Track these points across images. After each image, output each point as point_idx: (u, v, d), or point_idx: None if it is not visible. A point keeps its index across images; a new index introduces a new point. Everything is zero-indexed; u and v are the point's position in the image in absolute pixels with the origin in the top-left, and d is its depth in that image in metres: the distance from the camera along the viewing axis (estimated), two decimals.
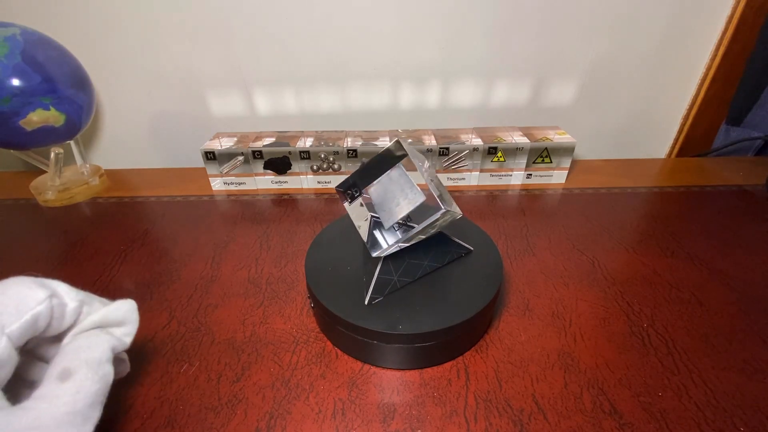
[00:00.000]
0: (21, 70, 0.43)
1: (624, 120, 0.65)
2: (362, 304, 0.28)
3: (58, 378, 0.19)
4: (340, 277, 0.31)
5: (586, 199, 0.50)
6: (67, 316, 0.20)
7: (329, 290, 0.29)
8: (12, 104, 0.43)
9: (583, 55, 0.59)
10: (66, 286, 0.21)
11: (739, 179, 0.54)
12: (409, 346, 0.27)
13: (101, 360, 0.20)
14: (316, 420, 0.25)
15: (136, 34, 0.55)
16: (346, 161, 0.51)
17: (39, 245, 0.43)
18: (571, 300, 0.35)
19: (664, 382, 0.28)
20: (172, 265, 0.39)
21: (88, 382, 0.19)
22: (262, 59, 0.58)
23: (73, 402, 0.18)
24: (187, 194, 0.52)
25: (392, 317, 0.27)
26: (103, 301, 0.23)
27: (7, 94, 0.42)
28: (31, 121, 0.45)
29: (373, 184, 0.30)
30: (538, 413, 0.26)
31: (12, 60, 0.43)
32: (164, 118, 0.63)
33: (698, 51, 0.59)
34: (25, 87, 0.43)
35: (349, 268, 0.31)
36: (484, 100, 0.62)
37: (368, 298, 0.28)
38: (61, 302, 0.20)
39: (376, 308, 0.28)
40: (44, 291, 0.19)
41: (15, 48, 0.43)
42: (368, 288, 0.28)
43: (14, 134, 0.45)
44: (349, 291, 0.29)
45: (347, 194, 0.30)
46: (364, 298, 0.28)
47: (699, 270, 0.38)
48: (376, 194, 0.29)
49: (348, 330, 0.28)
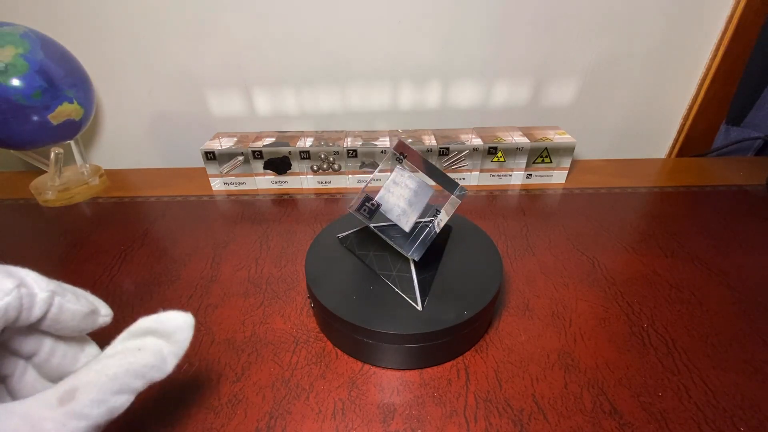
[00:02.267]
0: (47, 64, 0.44)
1: (624, 120, 0.65)
2: (362, 303, 0.28)
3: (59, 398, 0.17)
4: (340, 277, 0.31)
5: (586, 199, 0.50)
6: (36, 307, 0.19)
7: (329, 290, 0.29)
8: (43, 98, 0.44)
9: (583, 55, 0.59)
10: (35, 274, 0.19)
11: (739, 179, 0.54)
12: (409, 346, 0.27)
13: (121, 390, 0.18)
14: (316, 420, 0.25)
15: (136, 34, 0.55)
16: (346, 161, 0.51)
17: (39, 245, 0.43)
18: (571, 300, 0.35)
19: (664, 382, 0.28)
20: (172, 265, 0.39)
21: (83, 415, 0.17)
22: (262, 59, 0.58)
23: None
24: (187, 194, 0.52)
25: (392, 317, 0.27)
26: (77, 291, 0.21)
27: (38, 89, 0.43)
28: (59, 115, 0.45)
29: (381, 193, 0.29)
30: (538, 413, 0.26)
31: (36, 55, 0.44)
32: (164, 118, 0.63)
33: (698, 51, 0.59)
34: (53, 81, 0.44)
35: (350, 268, 0.31)
36: (484, 100, 0.62)
37: (420, 304, 0.28)
38: (30, 292, 0.19)
39: (377, 308, 0.28)
40: (11, 281, 0.18)
41: (34, 44, 0.44)
42: (415, 293, 0.28)
43: (42, 129, 0.45)
44: (349, 291, 0.29)
45: (364, 212, 0.29)
46: (416, 305, 0.28)
47: (699, 270, 0.38)
48: (386, 201, 0.28)
49: (348, 330, 0.28)
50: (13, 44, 0.42)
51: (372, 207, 0.28)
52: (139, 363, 0.19)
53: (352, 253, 0.33)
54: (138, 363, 0.19)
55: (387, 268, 0.30)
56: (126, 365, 0.18)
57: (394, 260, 0.30)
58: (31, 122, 0.44)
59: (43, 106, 0.44)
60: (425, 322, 0.27)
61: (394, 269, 0.30)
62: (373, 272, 0.31)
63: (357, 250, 0.33)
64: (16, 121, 0.43)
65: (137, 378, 0.18)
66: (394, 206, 0.28)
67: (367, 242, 0.32)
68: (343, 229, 0.35)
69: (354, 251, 0.33)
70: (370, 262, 0.31)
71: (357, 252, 0.32)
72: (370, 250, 0.32)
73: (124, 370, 0.18)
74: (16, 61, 0.42)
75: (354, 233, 0.33)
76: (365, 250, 0.32)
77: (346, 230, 0.35)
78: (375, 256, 0.31)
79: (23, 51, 0.43)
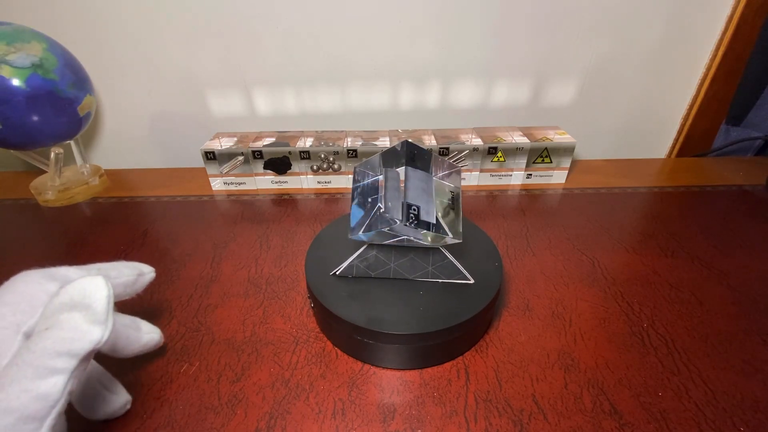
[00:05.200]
0: (70, 58, 0.46)
1: (624, 120, 0.65)
2: (362, 304, 0.28)
3: None
4: (341, 277, 0.31)
5: (586, 199, 0.50)
6: None
7: (329, 290, 0.29)
8: (74, 90, 0.46)
9: (583, 55, 0.59)
10: (74, 268, 0.20)
11: (739, 179, 0.54)
12: (409, 346, 0.27)
13: (40, 373, 0.17)
14: (316, 420, 0.25)
15: (136, 34, 0.55)
16: (346, 161, 0.51)
17: (39, 245, 0.43)
18: (571, 300, 0.35)
19: (664, 382, 0.28)
20: (172, 265, 0.39)
21: (11, 412, 0.16)
22: (262, 59, 0.58)
23: None
24: (187, 194, 0.52)
25: (392, 317, 0.27)
26: (116, 265, 0.22)
27: (70, 81, 0.45)
28: (84, 107, 0.47)
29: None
30: (538, 413, 0.26)
31: (57, 50, 0.45)
32: (164, 118, 0.63)
33: (698, 51, 0.59)
34: (78, 72, 0.46)
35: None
36: (484, 100, 0.62)
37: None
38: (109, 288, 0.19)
39: (377, 308, 0.28)
40: (54, 284, 0.19)
41: (50, 41, 0.45)
42: (461, 271, 0.29)
43: (72, 121, 0.47)
44: (349, 291, 0.29)
45: None
46: (469, 279, 0.29)
47: (699, 270, 0.38)
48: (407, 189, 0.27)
49: (348, 330, 0.28)
50: (36, 39, 0.43)
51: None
52: (51, 341, 0.17)
53: (367, 278, 0.31)
54: (50, 341, 0.17)
55: (420, 267, 0.30)
56: (38, 348, 0.17)
57: (424, 257, 0.30)
58: (67, 114, 0.46)
59: (75, 98, 0.46)
60: (425, 322, 0.27)
61: (429, 265, 0.30)
62: (371, 273, 0.31)
63: (373, 272, 0.31)
64: (57, 113, 0.45)
65: (57, 357, 0.17)
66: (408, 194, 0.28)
67: (378, 260, 0.30)
68: (343, 229, 0.35)
69: (369, 275, 0.31)
70: (396, 273, 0.30)
71: (374, 274, 0.31)
72: (390, 263, 0.30)
73: (36, 354, 0.17)
74: (47, 56, 0.43)
75: (356, 260, 0.30)
76: (383, 266, 0.30)
77: (346, 230, 0.35)
78: (400, 265, 0.30)
79: (47, 46, 0.44)
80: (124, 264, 0.25)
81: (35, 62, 0.41)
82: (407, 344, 0.27)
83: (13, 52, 0.39)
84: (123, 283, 0.24)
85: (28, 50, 0.41)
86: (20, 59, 0.40)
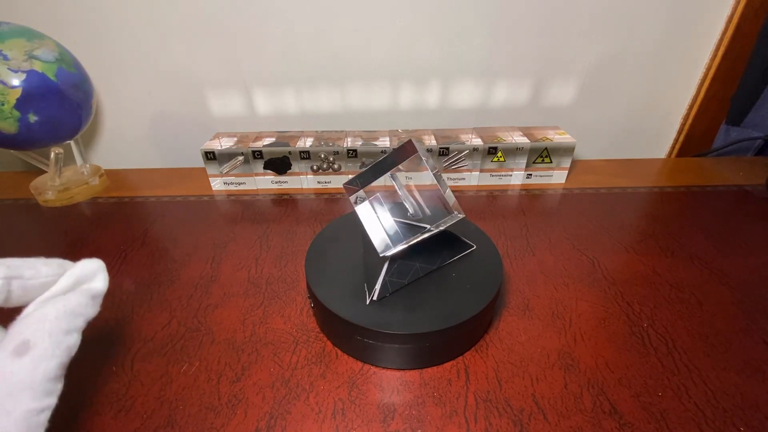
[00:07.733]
0: (77, 61, 0.48)
1: (624, 120, 0.65)
2: (362, 304, 0.28)
3: (14, 352, 0.17)
4: (340, 277, 0.31)
5: (586, 199, 0.50)
6: None
7: (329, 290, 0.29)
8: (87, 85, 0.47)
9: (583, 55, 0.59)
10: None
11: (739, 179, 0.54)
12: (409, 346, 0.27)
13: (69, 329, 0.19)
14: (316, 420, 0.25)
15: (137, 34, 0.55)
16: (346, 161, 0.51)
17: (39, 245, 0.43)
18: (571, 300, 0.35)
19: (664, 382, 0.28)
20: (172, 265, 0.39)
21: (48, 356, 0.17)
22: (262, 59, 0.58)
23: (31, 380, 0.17)
24: (187, 194, 0.52)
25: (392, 317, 0.27)
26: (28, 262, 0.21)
27: (84, 77, 0.47)
28: (94, 103, 0.49)
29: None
30: (538, 413, 0.26)
31: (68, 54, 0.46)
32: (164, 118, 0.63)
33: (698, 51, 0.59)
34: (82, 70, 0.48)
35: (350, 268, 0.31)
36: (484, 100, 0.62)
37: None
38: None
39: (377, 308, 0.28)
40: None
41: (60, 45, 0.46)
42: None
43: (87, 116, 0.49)
44: (349, 291, 0.29)
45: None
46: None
47: (699, 270, 0.38)
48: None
49: (348, 330, 0.28)
50: (43, 36, 0.44)
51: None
52: (72, 304, 0.19)
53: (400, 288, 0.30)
54: (71, 304, 0.19)
55: (437, 255, 0.31)
56: (62, 308, 0.19)
57: (434, 246, 0.30)
58: (85, 108, 0.47)
59: (90, 93, 0.48)
60: (425, 322, 0.27)
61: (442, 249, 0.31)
62: (404, 281, 0.30)
63: (405, 279, 0.30)
64: (78, 107, 0.46)
65: (77, 317, 0.19)
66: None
67: (402, 267, 0.29)
68: (343, 229, 0.35)
69: (404, 283, 0.30)
70: (423, 270, 0.30)
71: (407, 281, 0.30)
72: (415, 263, 0.30)
73: (63, 312, 0.19)
74: (62, 51, 0.44)
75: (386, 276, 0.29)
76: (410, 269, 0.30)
77: (345, 230, 0.35)
78: (422, 261, 0.30)
79: (55, 42, 0.45)
80: (44, 261, 0.22)
81: (57, 57, 0.42)
82: (407, 344, 0.27)
83: (37, 48, 0.40)
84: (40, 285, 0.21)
85: (45, 46, 0.42)
86: (45, 54, 0.41)
